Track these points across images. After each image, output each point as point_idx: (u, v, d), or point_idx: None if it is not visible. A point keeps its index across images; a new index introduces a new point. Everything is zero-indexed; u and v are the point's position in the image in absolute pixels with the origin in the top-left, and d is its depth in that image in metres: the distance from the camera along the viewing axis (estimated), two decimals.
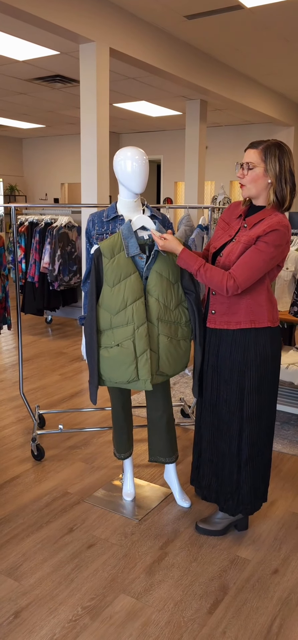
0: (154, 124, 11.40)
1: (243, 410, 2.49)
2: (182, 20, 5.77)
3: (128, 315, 2.46)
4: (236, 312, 2.43)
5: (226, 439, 2.55)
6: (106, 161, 5.53)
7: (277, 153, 2.34)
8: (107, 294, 2.48)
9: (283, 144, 2.39)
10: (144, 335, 2.47)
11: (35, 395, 4.58)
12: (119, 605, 2.21)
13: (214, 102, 8.52)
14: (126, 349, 2.47)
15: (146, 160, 2.55)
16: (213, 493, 2.66)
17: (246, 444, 2.52)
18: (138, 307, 2.47)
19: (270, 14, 5.54)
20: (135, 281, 2.47)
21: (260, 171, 2.36)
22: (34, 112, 10.20)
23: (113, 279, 2.46)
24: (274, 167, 2.34)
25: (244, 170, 2.38)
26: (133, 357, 2.48)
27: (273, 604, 2.24)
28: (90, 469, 3.32)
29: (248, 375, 2.46)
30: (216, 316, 2.48)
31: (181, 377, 5.06)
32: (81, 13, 4.96)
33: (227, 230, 2.52)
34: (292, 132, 10.15)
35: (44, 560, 2.48)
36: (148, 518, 2.81)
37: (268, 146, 2.36)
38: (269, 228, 2.31)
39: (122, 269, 2.47)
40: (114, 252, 2.47)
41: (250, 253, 2.32)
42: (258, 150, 2.36)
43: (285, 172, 2.35)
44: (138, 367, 2.49)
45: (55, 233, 6.23)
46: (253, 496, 2.59)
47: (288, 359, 4.03)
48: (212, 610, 2.20)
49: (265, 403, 2.51)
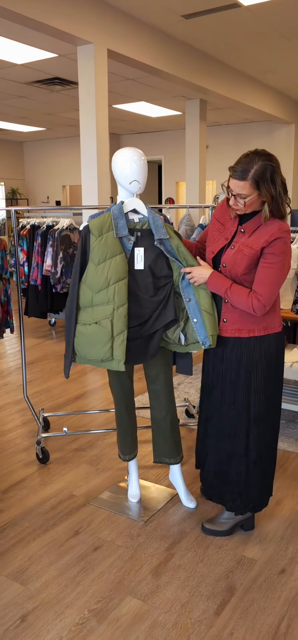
0: (154, 125, 11.39)
1: (250, 410, 2.48)
2: (179, 19, 5.76)
3: (109, 294, 2.46)
4: (248, 319, 2.42)
5: (233, 441, 2.53)
6: (106, 163, 5.52)
7: (268, 177, 2.21)
8: (91, 272, 2.47)
9: (270, 158, 2.23)
10: (123, 315, 2.46)
11: (39, 398, 4.58)
12: (126, 608, 2.20)
13: (213, 101, 8.51)
14: (104, 327, 2.46)
15: (144, 161, 2.54)
16: (216, 494, 2.65)
17: (254, 444, 2.51)
18: (120, 288, 2.46)
19: (267, 11, 5.52)
20: (120, 262, 2.47)
21: (254, 197, 2.27)
22: (34, 115, 10.21)
23: (98, 257, 2.46)
24: (269, 192, 2.23)
25: (237, 200, 2.30)
26: (109, 337, 2.47)
27: (280, 603, 2.23)
28: (95, 471, 3.31)
29: (255, 376, 2.45)
30: (227, 324, 2.46)
31: (186, 377, 5.05)
32: (78, 15, 4.95)
33: (223, 232, 2.47)
34: (293, 129, 10.13)
35: (50, 563, 2.47)
36: (154, 519, 2.80)
37: (256, 173, 2.21)
38: (271, 237, 2.28)
39: (109, 248, 2.46)
40: (102, 230, 2.47)
41: (263, 269, 2.31)
42: (247, 181, 2.22)
43: (280, 189, 2.25)
44: (113, 346, 2.48)
45: (57, 235, 6.23)
46: (263, 494, 2.59)
47: (292, 357, 4.02)
48: (219, 611, 2.19)
49: (271, 402, 2.50)
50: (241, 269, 2.34)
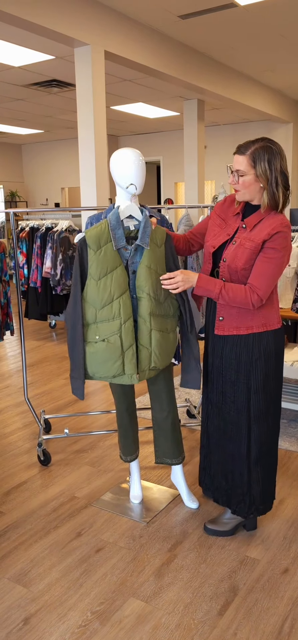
0: (153, 126, 11.39)
1: (250, 409, 2.48)
2: (176, 20, 5.76)
3: (114, 309, 2.40)
4: (246, 316, 2.40)
5: (234, 441, 2.52)
6: (105, 164, 5.52)
7: (266, 157, 2.26)
8: (92, 288, 2.39)
9: (273, 143, 2.29)
10: (130, 329, 2.42)
11: (40, 400, 4.58)
12: (129, 609, 2.20)
13: (211, 101, 8.51)
14: (113, 344, 2.41)
15: (142, 161, 2.54)
16: (223, 495, 2.62)
17: (256, 443, 2.50)
18: (125, 301, 2.41)
19: (264, 11, 5.53)
20: (121, 274, 2.41)
21: (251, 177, 2.30)
22: (32, 117, 10.22)
23: (98, 272, 2.38)
24: (264, 173, 2.26)
25: (235, 177, 2.33)
26: (119, 353, 2.42)
27: (283, 603, 2.22)
28: (97, 473, 3.31)
29: (254, 374, 2.44)
30: (224, 323, 2.44)
31: None
32: (75, 17, 4.96)
33: (224, 227, 2.46)
34: (291, 128, 10.13)
35: (52, 565, 2.46)
36: (156, 520, 2.80)
37: (256, 151, 2.26)
38: (273, 231, 2.28)
39: (109, 262, 2.39)
40: (100, 243, 2.39)
41: (263, 263, 2.30)
42: (246, 156, 2.27)
43: (277, 174, 2.27)
44: (124, 362, 2.44)
45: (56, 237, 6.23)
46: (265, 496, 2.58)
47: (293, 356, 4.01)
48: (222, 611, 2.18)
49: (271, 401, 2.50)
50: (242, 263, 2.33)
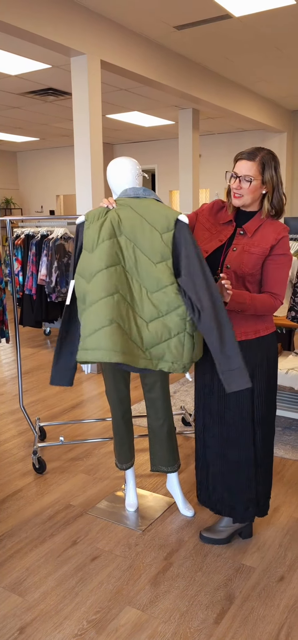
0: (148, 134, 11.45)
1: (254, 413, 2.49)
2: (172, 30, 5.80)
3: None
4: (252, 321, 2.44)
5: (240, 447, 2.52)
6: (100, 172, 5.54)
7: (273, 164, 2.38)
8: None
9: (274, 153, 2.44)
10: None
11: (35, 407, 4.57)
12: (125, 618, 2.19)
13: (206, 110, 8.56)
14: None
15: (139, 170, 2.56)
16: (226, 507, 2.60)
17: (260, 447, 2.52)
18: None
19: (259, 22, 5.58)
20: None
21: (258, 183, 2.37)
22: (28, 125, 10.24)
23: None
24: (271, 179, 2.37)
25: (242, 182, 2.37)
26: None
27: (279, 611, 2.23)
28: (92, 481, 3.30)
29: (257, 379, 2.47)
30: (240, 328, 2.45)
31: (182, 385, 5.05)
32: (71, 26, 4.99)
33: (215, 233, 2.48)
34: (285, 138, 10.20)
35: (48, 574, 2.46)
36: (152, 528, 2.80)
37: (264, 157, 2.37)
38: (279, 235, 2.37)
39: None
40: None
41: (276, 270, 2.39)
42: (255, 162, 2.35)
43: (280, 181, 2.41)
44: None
45: (51, 245, 6.23)
46: (266, 496, 2.61)
47: (287, 364, 4.03)
48: (218, 620, 2.18)
49: (271, 404, 2.53)
50: (249, 268, 2.38)
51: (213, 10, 5.26)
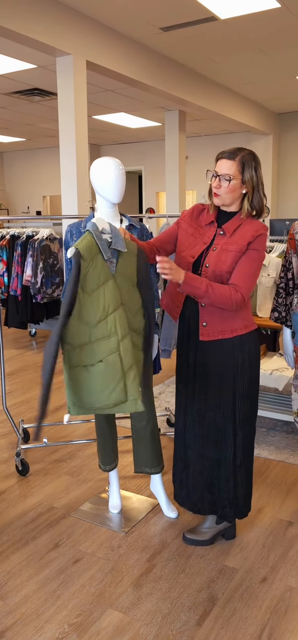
0: (135, 135, 11.44)
1: (236, 414, 2.49)
2: (158, 32, 5.81)
3: (109, 325, 2.22)
4: (229, 320, 2.42)
5: (221, 446, 2.52)
6: (86, 173, 5.52)
7: (253, 164, 2.38)
8: (85, 302, 2.20)
9: (255, 154, 2.43)
10: (130, 346, 2.25)
11: (19, 409, 4.53)
12: (107, 621, 2.18)
13: (192, 112, 8.59)
14: (111, 364, 2.19)
15: (122, 170, 2.54)
16: (206, 505, 2.61)
17: (240, 447, 2.51)
18: (121, 315, 2.25)
19: (244, 25, 5.61)
20: (113, 287, 2.27)
21: (238, 183, 2.37)
22: (14, 125, 10.18)
23: (91, 285, 2.21)
24: (251, 179, 2.37)
25: (221, 181, 2.37)
26: (120, 375, 2.21)
27: (262, 612, 2.23)
28: (76, 482, 3.28)
29: (239, 379, 2.46)
30: (208, 328, 2.45)
31: (167, 386, 5.04)
32: (56, 26, 4.96)
33: (199, 236, 2.48)
34: (270, 140, 10.27)
35: (29, 577, 2.43)
36: (135, 530, 2.78)
37: (244, 157, 2.37)
38: (256, 233, 2.36)
39: (100, 273, 2.25)
40: (92, 252, 2.23)
41: (246, 262, 2.35)
42: (235, 161, 2.36)
43: (260, 182, 2.40)
44: (126, 384, 2.23)
45: (37, 245, 6.20)
46: (247, 498, 2.60)
47: (272, 365, 4.04)
48: (201, 622, 2.17)
49: (253, 404, 2.52)
50: (226, 266, 2.36)
51: (199, 13, 5.27)
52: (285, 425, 4.07)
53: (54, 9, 4.90)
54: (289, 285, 2.88)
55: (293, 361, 2.93)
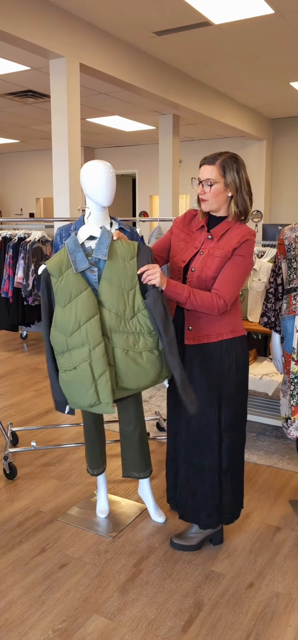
0: (128, 139, 11.45)
1: (221, 420, 2.48)
2: (151, 36, 5.81)
3: (82, 335, 2.31)
4: (215, 324, 2.42)
5: (205, 453, 2.51)
6: (78, 175, 5.51)
7: (235, 166, 2.38)
8: (59, 315, 2.34)
9: (238, 156, 2.43)
10: (101, 355, 2.31)
11: (8, 412, 4.50)
12: (92, 627, 2.16)
13: (186, 116, 8.60)
14: (83, 371, 2.31)
15: (112, 173, 2.53)
16: (190, 512, 2.59)
17: (226, 453, 2.50)
18: (93, 326, 2.31)
19: (238, 30, 5.62)
20: (87, 298, 2.32)
21: (221, 186, 2.38)
22: (8, 127, 10.15)
23: (63, 298, 2.33)
24: (233, 181, 2.38)
25: (204, 187, 2.40)
26: (91, 380, 2.32)
27: (248, 618, 2.22)
28: (64, 486, 3.26)
29: (225, 385, 2.45)
30: (193, 332, 2.45)
31: (158, 390, 5.03)
32: (50, 29, 4.96)
33: (190, 242, 2.49)
34: (264, 145, 10.30)
35: (14, 582, 2.41)
36: (122, 535, 2.77)
37: (225, 161, 2.38)
38: (242, 238, 2.35)
39: (72, 286, 2.32)
40: (62, 270, 2.33)
41: (231, 268, 2.35)
42: (215, 165, 2.38)
43: (244, 183, 2.40)
44: (97, 390, 2.33)
45: (28, 248, 6.17)
46: (234, 504, 2.58)
47: (262, 370, 4.04)
48: (186, 627, 2.16)
49: (240, 410, 2.51)
50: (212, 271, 2.37)
51: (193, 17, 5.28)
52: (274, 430, 4.07)
53: (47, 11, 4.90)
54: (278, 291, 2.88)
55: (282, 366, 2.92)
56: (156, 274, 2.29)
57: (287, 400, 2.83)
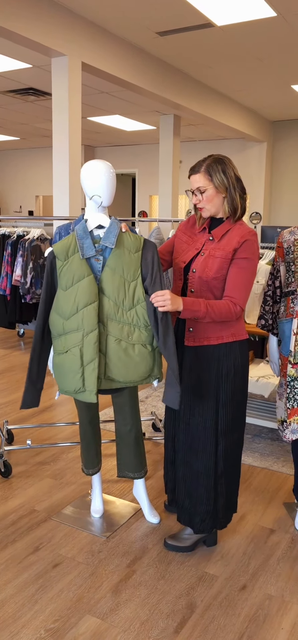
0: (129, 138, 11.44)
1: (218, 423, 2.48)
2: (154, 36, 5.81)
3: (78, 320, 2.36)
4: (216, 327, 2.42)
5: (202, 456, 2.50)
6: (78, 174, 5.51)
7: (220, 167, 2.40)
8: (60, 298, 2.39)
9: (222, 156, 2.43)
10: (93, 342, 2.35)
11: (4, 410, 4.50)
12: (84, 627, 2.16)
13: (187, 117, 8.60)
14: (74, 355, 2.36)
15: (112, 173, 2.53)
16: (186, 515, 2.59)
17: (221, 457, 2.50)
18: (89, 312, 2.35)
19: (240, 32, 5.62)
20: (88, 284, 2.36)
21: (212, 191, 2.40)
22: (8, 124, 10.14)
23: (65, 282, 2.38)
24: (221, 182, 2.39)
25: (197, 195, 2.42)
26: (79, 365, 2.36)
27: (240, 621, 2.22)
28: (59, 485, 3.25)
29: (223, 388, 2.45)
30: (194, 333, 2.45)
31: (154, 390, 5.03)
32: (53, 27, 4.95)
33: (192, 243, 2.52)
34: (264, 147, 10.31)
35: (7, 581, 2.40)
36: (116, 535, 2.77)
37: (209, 165, 2.40)
38: (242, 239, 2.36)
39: (75, 271, 2.37)
40: (68, 254, 2.39)
41: (238, 273, 2.37)
42: (201, 173, 2.41)
43: (232, 181, 2.40)
44: (84, 376, 2.37)
45: (27, 246, 6.17)
46: (227, 509, 2.58)
47: (259, 372, 4.04)
48: (179, 629, 2.16)
49: (238, 415, 2.51)
50: (213, 272, 2.38)
51: (196, 19, 5.28)
52: (270, 432, 4.07)
53: (50, 9, 4.89)
54: (276, 294, 2.88)
55: (279, 369, 2.92)
56: (166, 301, 2.24)
57: (283, 403, 2.83)
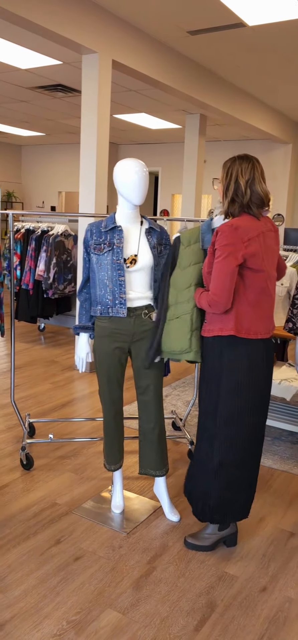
0: (153, 136, 11.45)
1: (217, 414, 2.52)
2: (185, 35, 5.80)
3: (190, 294, 2.66)
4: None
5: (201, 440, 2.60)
6: (105, 172, 5.54)
7: (228, 165, 2.45)
8: (177, 275, 2.73)
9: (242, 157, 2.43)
10: (200, 313, 2.67)
11: (26, 403, 4.55)
12: (105, 620, 2.18)
13: (213, 117, 8.57)
14: (184, 322, 2.66)
15: (146, 172, 2.56)
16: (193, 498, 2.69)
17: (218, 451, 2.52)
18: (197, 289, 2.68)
19: (272, 33, 5.58)
20: (200, 269, 2.71)
21: (219, 186, 2.50)
22: (35, 120, 10.23)
23: (184, 263, 2.71)
24: (223, 181, 2.46)
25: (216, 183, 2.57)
26: (189, 329, 2.65)
27: (260, 622, 2.22)
28: (79, 480, 3.29)
29: (222, 381, 2.49)
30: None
31: (174, 389, 5.04)
32: (84, 24, 4.98)
33: None
34: (290, 149, 10.22)
35: (30, 572, 2.44)
36: (137, 531, 2.79)
37: (226, 162, 2.46)
38: (218, 231, 2.42)
39: (194, 256, 2.69)
40: (190, 241, 2.72)
41: (213, 265, 2.45)
42: (222, 167, 2.50)
43: (230, 182, 2.42)
44: (192, 339, 2.64)
45: (51, 241, 6.23)
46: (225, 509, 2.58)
47: (281, 375, 4.03)
48: (199, 627, 2.17)
49: (239, 411, 2.48)
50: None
51: (227, 18, 5.26)
52: (290, 435, 4.05)
53: (82, 6, 4.92)
54: None
55: None
56: None
57: None
